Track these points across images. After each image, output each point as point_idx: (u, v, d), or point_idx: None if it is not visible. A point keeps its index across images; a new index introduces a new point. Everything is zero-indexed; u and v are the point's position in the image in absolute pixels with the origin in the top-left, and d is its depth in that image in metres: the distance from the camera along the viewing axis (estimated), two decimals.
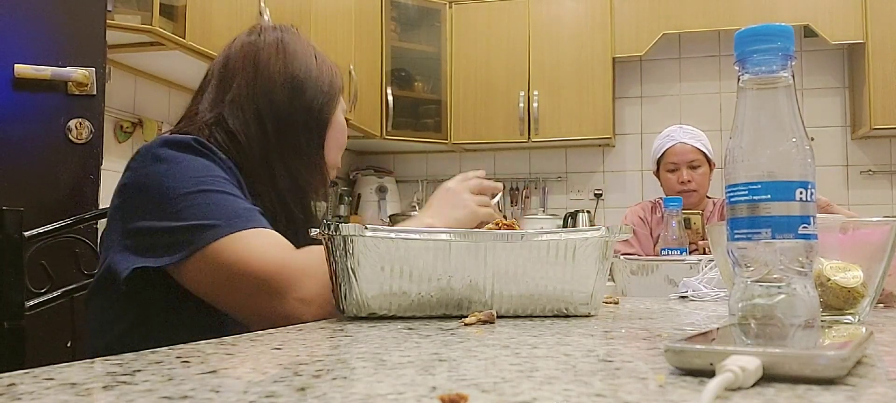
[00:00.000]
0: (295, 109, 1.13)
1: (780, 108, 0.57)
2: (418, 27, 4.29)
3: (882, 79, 3.81)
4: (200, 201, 0.94)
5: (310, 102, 1.14)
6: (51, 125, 1.82)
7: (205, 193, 0.95)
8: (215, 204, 0.94)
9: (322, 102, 1.15)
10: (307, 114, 1.13)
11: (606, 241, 0.84)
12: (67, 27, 1.87)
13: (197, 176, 0.97)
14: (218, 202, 0.95)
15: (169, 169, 0.97)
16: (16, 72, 1.79)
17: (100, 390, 0.41)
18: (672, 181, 2.63)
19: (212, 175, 0.99)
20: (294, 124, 1.12)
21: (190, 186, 0.95)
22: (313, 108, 1.14)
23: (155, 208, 0.95)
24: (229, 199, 0.97)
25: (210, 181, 0.97)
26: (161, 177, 0.97)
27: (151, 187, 0.97)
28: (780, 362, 0.41)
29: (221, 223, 0.93)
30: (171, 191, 0.95)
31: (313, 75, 1.15)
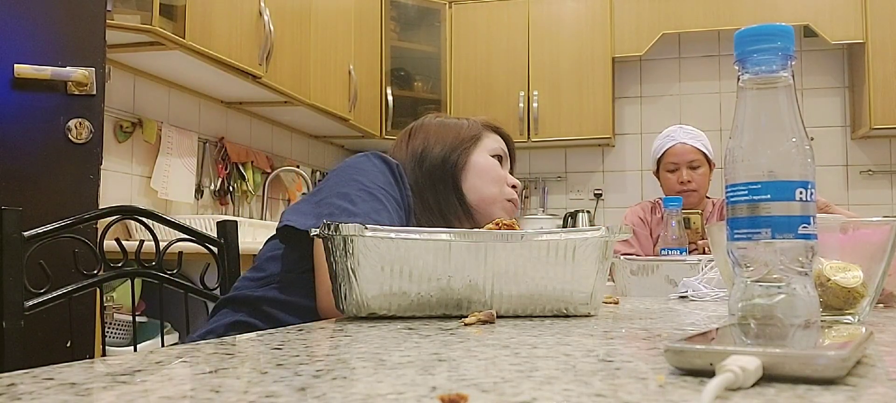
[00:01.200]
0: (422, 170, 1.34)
1: (780, 108, 0.57)
2: (418, 27, 4.29)
3: (882, 79, 3.81)
4: (361, 195, 1.13)
5: (433, 160, 1.34)
6: (51, 125, 1.82)
7: (369, 193, 1.14)
8: (369, 203, 1.12)
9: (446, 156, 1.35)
10: (432, 171, 1.33)
11: (606, 241, 0.84)
12: (67, 27, 1.87)
13: (374, 178, 1.18)
14: (373, 203, 1.13)
15: (360, 166, 1.20)
16: (16, 72, 1.79)
17: (100, 390, 0.41)
18: (672, 181, 2.63)
19: (383, 185, 1.18)
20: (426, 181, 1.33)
21: (365, 181, 1.16)
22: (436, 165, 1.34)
23: (328, 186, 1.16)
24: (385, 208, 1.14)
25: (382, 185, 1.18)
26: (350, 168, 1.19)
27: (343, 171, 1.19)
28: (780, 362, 0.41)
29: (359, 213, 1.08)
30: (346, 179, 1.16)
31: (432, 140, 1.37)
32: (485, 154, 1.39)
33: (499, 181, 1.39)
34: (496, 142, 1.43)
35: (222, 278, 1.44)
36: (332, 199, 1.13)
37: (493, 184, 1.38)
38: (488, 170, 1.38)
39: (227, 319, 1.14)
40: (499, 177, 1.40)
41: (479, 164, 1.38)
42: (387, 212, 1.14)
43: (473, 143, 1.39)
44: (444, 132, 1.39)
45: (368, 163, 1.22)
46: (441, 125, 1.41)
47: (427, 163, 1.35)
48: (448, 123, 1.41)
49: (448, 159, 1.36)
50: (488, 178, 1.38)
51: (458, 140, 1.38)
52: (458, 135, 1.39)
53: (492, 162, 1.39)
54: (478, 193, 1.36)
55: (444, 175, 1.34)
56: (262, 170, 3.60)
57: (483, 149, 1.40)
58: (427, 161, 1.35)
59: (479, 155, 1.39)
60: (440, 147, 1.37)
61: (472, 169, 1.37)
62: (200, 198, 3.19)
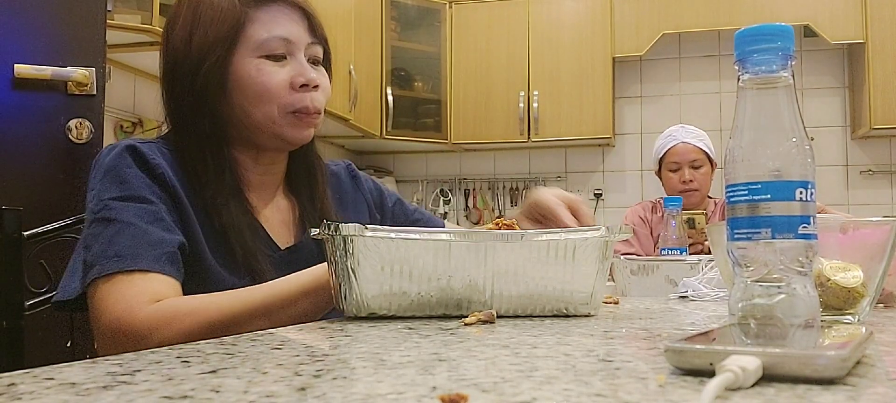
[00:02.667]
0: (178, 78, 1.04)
1: (780, 108, 0.57)
2: (418, 27, 4.29)
3: (882, 79, 3.81)
4: (94, 231, 0.92)
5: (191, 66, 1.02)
6: (51, 125, 1.82)
7: (101, 222, 0.93)
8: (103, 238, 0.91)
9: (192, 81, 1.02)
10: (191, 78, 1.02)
11: (606, 241, 0.84)
12: (67, 27, 1.87)
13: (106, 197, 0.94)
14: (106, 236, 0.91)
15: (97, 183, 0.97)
16: (16, 72, 1.79)
17: (100, 390, 0.41)
18: (674, 180, 2.63)
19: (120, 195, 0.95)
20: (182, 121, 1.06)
21: (97, 210, 0.94)
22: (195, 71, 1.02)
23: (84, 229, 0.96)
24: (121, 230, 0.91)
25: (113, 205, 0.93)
26: (89, 192, 0.97)
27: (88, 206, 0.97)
28: (780, 362, 0.41)
29: (96, 263, 0.89)
30: (87, 214, 0.96)
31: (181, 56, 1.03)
32: (249, 57, 1.02)
33: (273, 95, 1.02)
34: (268, 26, 1.02)
35: None
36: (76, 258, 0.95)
37: (265, 102, 1.02)
38: (255, 83, 1.01)
39: None
40: (270, 89, 1.02)
41: (243, 78, 1.02)
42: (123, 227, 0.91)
43: (231, 45, 1.01)
44: (193, 32, 1.02)
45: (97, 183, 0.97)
46: (193, 20, 1.03)
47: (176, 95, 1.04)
48: (200, 13, 1.02)
49: (198, 80, 1.01)
50: (257, 96, 1.02)
51: (208, 45, 1.01)
52: (206, 37, 1.01)
53: (259, 68, 1.02)
54: (248, 120, 1.03)
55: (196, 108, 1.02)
56: None
57: (247, 48, 1.02)
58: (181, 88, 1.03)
59: (241, 61, 1.02)
60: (191, 62, 1.02)
61: (238, 88, 1.02)
62: None
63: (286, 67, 1.04)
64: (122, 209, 0.93)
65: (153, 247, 0.91)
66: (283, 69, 1.04)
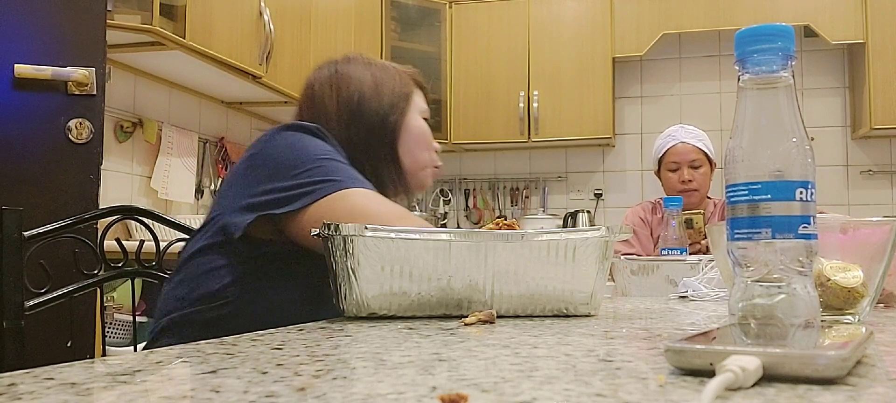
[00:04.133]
0: (356, 129, 1.23)
1: (781, 108, 0.57)
2: (418, 27, 4.29)
3: (882, 79, 3.81)
4: (325, 165, 1.05)
5: (371, 119, 1.23)
6: (51, 125, 1.82)
7: (329, 160, 1.07)
8: (338, 169, 1.06)
9: (384, 115, 1.25)
10: (370, 132, 1.23)
11: (606, 241, 0.84)
12: (67, 27, 1.87)
13: (321, 150, 1.09)
14: (340, 168, 1.07)
15: (296, 143, 1.09)
16: (16, 72, 1.79)
17: (100, 390, 0.41)
18: (673, 180, 2.63)
19: (333, 153, 1.10)
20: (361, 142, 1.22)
21: (316, 154, 1.07)
22: (375, 125, 1.23)
23: (281, 172, 1.05)
24: (348, 167, 1.09)
25: (332, 154, 1.09)
26: (289, 149, 1.08)
27: (279, 156, 1.07)
28: (780, 362, 0.41)
29: (344, 179, 1.03)
30: (297, 158, 1.06)
31: (368, 95, 1.25)
32: (417, 115, 1.30)
33: (430, 146, 1.31)
34: (423, 102, 1.34)
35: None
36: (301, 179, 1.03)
37: (426, 149, 1.30)
38: (423, 134, 1.30)
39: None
40: (430, 142, 1.32)
41: (415, 128, 1.28)
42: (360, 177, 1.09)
43: (407, 103, 1.29)
44: (379, 88, 1.27)
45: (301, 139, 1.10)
46: (375, 80, 1.28)
47: (364, 123, 1.23)
48: (380, 78, 1.28)
49: (387, 121, 1.25)
50: (423, 143, 1.30)
51: (394, 98, 1.27)
52: (393, 93, 1.27)
53: (424, 125, 1.31)
54: (412, 159, 1.28)
55: (383, 138, 1.24)
56: None
57: (415, 109, 1.30)
58: (364, 120, 1.23)
59: (412, 116, 1.29)
60: (377, 104, 1.25)
61: (409, 132, 1.27)
62: (200, 198, 3.19)
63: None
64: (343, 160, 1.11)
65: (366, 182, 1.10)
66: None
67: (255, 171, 1.08)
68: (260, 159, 1.10)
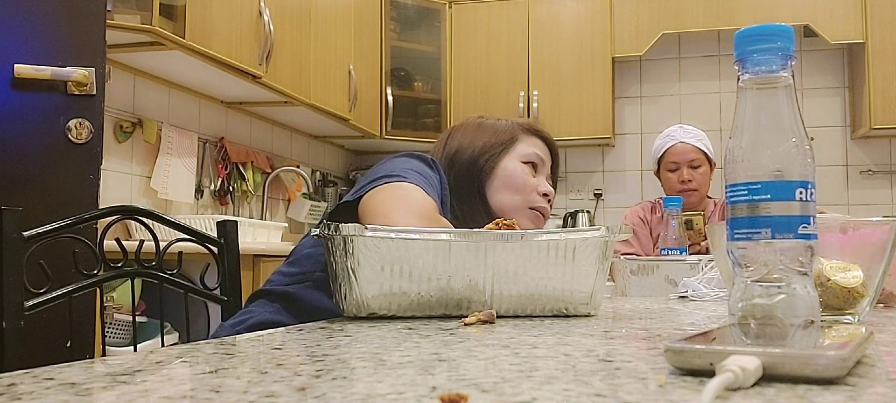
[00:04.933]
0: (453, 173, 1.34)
1: (780, 108, 0.57)
2: (418, 27, 4.29)
3: (882, 80, 3.81)
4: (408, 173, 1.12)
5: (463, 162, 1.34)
6: (51, 125, 1.82)
7: (415, 172, 1.13)
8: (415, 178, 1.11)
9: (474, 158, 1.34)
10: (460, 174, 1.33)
11: (606, 241, 0.84)
12: (67, 27, 1.87)
13: (418, 166, 1.17)
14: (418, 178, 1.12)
15: (404, 157, 1.19)
16: (16, 72, 1.79)
17: (100, 390, 0.41)
18: (673, 180, 2.63)
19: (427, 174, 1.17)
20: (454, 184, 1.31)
21: (410, 166, 1.15)
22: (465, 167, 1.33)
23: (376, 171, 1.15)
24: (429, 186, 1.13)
25: (426, 174, 1.16)
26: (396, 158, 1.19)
27: (386, 162, 1.19)
28: (780, 362, 0.41)
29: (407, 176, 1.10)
30: (395, 164, 1.15)
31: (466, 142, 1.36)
32: (516, 160, 1.35)
33: (524, 189, 1.35)
34: (532, 147, 1.38)
35: (222, 278, 1.44)
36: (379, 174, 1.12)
37: (517, 192, 1.34)
38: (515, 177, 1.34)
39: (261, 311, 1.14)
40: (526, 184, 1.35)
41: (507, 170, 1.34)
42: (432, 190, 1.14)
43: (506, 148, 1.36)
44: (478, 134, 1.37)
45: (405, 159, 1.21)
46: (478, 127, 1.39)
47: (457, 166, 1.33)
48: (485, 125, 1.39)
49: (476, 163, 1.33)
50: (514, 186, 1.34)
51: (490, 143, 1.35)
52: (490, 138, 1.36)
53: (521, 168, 1.35)
54: (499, 201, 1.33)
55: (471, 179, 1.32)
56: (262, 170, 3.60)
57: (516, 154, 1.36)
58: (457, 164, 1.33)
59: (509, 160, 1.35)
60: (471, 150, 1.35)
61: (500, 175, 1.34)
62: (200, 198, 3.19)
63: (537, 178, 1.37)
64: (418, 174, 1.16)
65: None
66: (534, 178, 1.36)
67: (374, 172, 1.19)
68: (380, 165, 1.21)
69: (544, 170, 1.39)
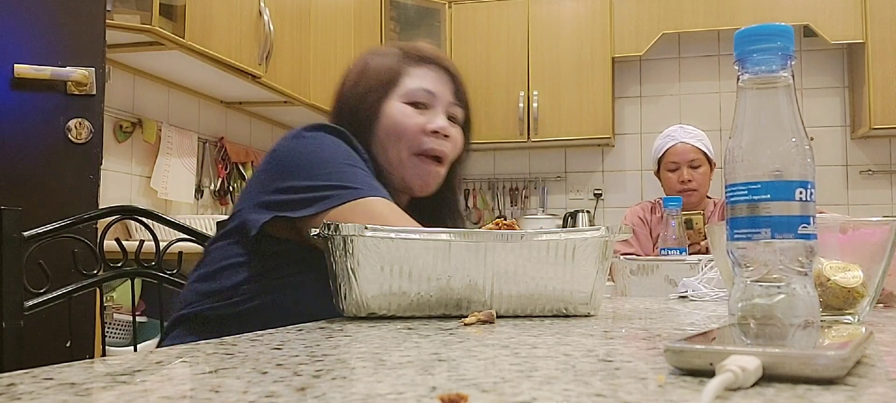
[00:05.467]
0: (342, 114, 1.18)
1: (780, 108, 0.57)
2: (418, 27, 4.29)
3: (882, 80, 3.81)
4: (346, 170, 1.02)
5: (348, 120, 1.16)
6: (50, 125, 1.82)
7: (350, 166, 1.03)
8: (358, 176, 1.02)
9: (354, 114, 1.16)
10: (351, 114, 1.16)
11: (606, 241, 0.84)
12: (67, 27, 1.87)
13: (344, 154, 1.05)
14: (360, 175, 1.03)
15: (320, 143, 1.05)
16: (16, 72, 1.79)
17: (99, 390, 0.41)
18: (673, 180, 2.63)
19: (355, 159, 1.06)
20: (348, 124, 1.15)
21: (339, 158, 1.04)
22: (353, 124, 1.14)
23: (302, 171, 1.02)
24: (369, 177, 1.04)
25: (354, 160, 1.05)
26: (313, 148, 1.05)
27: (302, 154, 1.04)
28: (780, 362, 0.41)
29: (362, 187, 1.00)
30: (320, 159, 1.03)
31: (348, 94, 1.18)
32: (397, 102, 1.14)
33: (406, 133, 1.13)
34: (418, 81, 1.16)
35: None
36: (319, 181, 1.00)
37: (398, 139, 1.13)
38: (395, 123, 1.13)
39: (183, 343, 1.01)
40: (406, 128, 1.13)
41: (387, 118, 1.14)
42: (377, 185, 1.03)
43: (386, 90, 1.15)
44: (361, 80, 1.17)
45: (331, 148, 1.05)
46: (362, 71, 1.18)
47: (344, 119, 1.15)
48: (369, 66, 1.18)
49: (357, 117, 1.14)
50: (394, 134, 1.13)
51: (369, 88, 1.15)
52: (371, 81, 1.16)
53: (401, 111, 1.14)
54: (385, 159, 1.14)
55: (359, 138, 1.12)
56: None
57: (398, 94, 1.15)
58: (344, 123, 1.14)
59: (390, 104, 1.14)
60: (352, 102, 1.16)
61: (382, 126, 1.14)
62: (200, 198, 3.19)
63: (425, 115, 1.15)
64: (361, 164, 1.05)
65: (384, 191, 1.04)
66: (422, 116, 1.15)
67: (275, 170, 1.05)
68: (281, 157, 1.06)
69: (440, 101, 1.17)
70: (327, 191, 0.99)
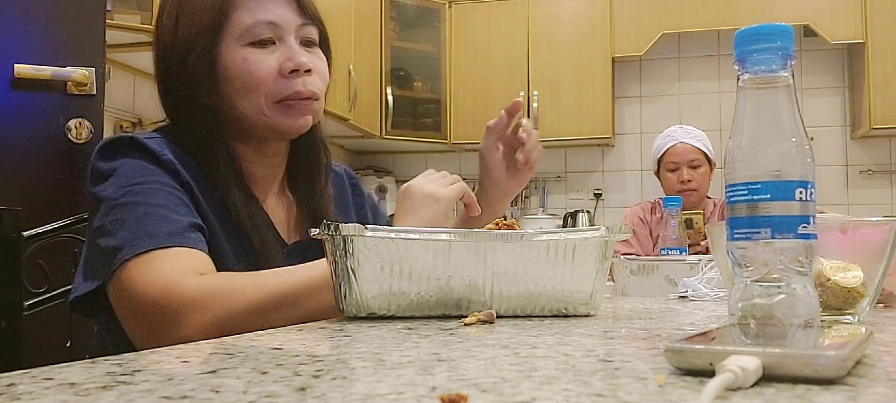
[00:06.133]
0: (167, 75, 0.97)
1: (780, 108, 0.57)
2: (418, 27, 4.29)
3: (882, 79, 3.81)
4: (119, 216, 0.86)
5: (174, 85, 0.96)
6: (50, 125, 1.82)
7: (125, 207, 0.87)
8: (130, 221, 0.85)
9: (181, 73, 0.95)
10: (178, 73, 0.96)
11: (606, 241, 0.84)
12: (67, 27, 1.87)
13: (126, 184, 0.89)
14: (133, 218, 0.86)
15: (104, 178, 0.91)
16: (16, 71, 1.79)
17: (99, 390, 0.41)
18: (672, 180, 2.63)
19: (140, 181, 0.89)
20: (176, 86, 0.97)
21: (116, 197, 0.88)
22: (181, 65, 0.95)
23: (96, 221, 0.89)
24: (148, 212, 0.86)
25: (136, 189, 0.88)
26: (98, 190, 0.91)
27: (94, 199, 0.91)
28: (780, 362, 0.41)
29: (125, 245, 0.83)
30: (102, 206, 0.89)
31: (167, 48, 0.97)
32: (234, 46, 0.95)
33: (260, 85, 0.95)
34: (253, 10, 0.95)
35: None
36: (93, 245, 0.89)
37: (251, 93, 0.95)
38: (240, 74, 0.94)
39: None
40: (258, 80, 0.94)
41: (229, 69, 0.95)
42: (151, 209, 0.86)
43: (215, 33, 0.94)
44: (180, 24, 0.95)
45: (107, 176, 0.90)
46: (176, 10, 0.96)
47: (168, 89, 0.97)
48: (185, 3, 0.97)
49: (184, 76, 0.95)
50: (244, 88, 0.94)
51: (192, 34, 0.94)
52: (191, 26, 0.94)
53: (244, 57, 0.94)
54: (238, 111, 0.96)
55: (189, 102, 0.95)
56: None
57: (232, 36, 0.95)
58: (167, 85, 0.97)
59: (225, 50, 0.95)
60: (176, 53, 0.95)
61: (221, 80, 0.95)
62: None
63: (275, 54, 0.97)
64: (146, 192, 0.87)
65: (187, 228, 0.86)
66: (272, 55, 0.96)
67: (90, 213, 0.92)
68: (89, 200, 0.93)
69: (287, 29, 0.98)
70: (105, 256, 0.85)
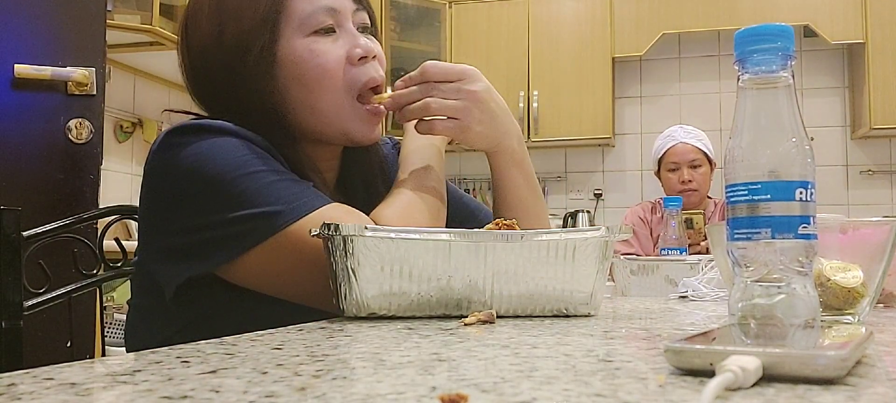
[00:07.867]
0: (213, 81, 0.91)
1: (780, 108, 0.57)
2: (418, 27, 4.29)
3: (882, 80, 3.81)
4: (249, 186, 0.79)
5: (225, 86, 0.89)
6: (51, 125, 1.82)
7: (251, 176, 0.79)
8: (267, 187, 0.79)
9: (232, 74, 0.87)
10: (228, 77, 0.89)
11: (606, 241, 0.84)
12: (67, 27, 1.87)
13: (235, 157, 0.80)
14: (269, 184, 0.80)
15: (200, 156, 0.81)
16: (16, 72, 1.79)
17: (100, 390, 0.41)
18: (673, 181, 2.64)
19: (249, 153, 0.82)
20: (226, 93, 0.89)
21: (233, 170, 0.79)
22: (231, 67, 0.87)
23: (196, 202, 0.80)
24: (279, 178, 0.81)
25: (251, 161, 0.81)
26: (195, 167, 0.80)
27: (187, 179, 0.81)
28: (780, 362, 0.41)
29: (282, 208, 0.78)
30: (212, 181, 0.80)
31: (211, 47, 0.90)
32: (297, 36, 0.87)
33: (333, 77, 0.88)
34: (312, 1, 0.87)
35: None
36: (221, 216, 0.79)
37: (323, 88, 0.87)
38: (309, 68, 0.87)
39: None
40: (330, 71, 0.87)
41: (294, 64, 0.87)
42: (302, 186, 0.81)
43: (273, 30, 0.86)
44: (227, 21, 0.87)
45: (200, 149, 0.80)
46: (217, 12, 0.89)
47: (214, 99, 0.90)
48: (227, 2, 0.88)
49: (236, 78, 0.86)
50: (314, 81, 0.87)
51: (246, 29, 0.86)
52: (243, 22, 0.86)
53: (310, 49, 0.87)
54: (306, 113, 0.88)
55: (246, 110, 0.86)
56: None
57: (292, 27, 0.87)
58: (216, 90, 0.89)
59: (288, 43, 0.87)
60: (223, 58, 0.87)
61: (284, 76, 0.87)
62: None
63: (339, 42, 0.90)
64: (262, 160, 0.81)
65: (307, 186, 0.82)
66: (336, 44, 0.89)
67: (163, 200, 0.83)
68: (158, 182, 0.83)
69: (345, 15, 0.92)
70: (242, 225, 0.78)
